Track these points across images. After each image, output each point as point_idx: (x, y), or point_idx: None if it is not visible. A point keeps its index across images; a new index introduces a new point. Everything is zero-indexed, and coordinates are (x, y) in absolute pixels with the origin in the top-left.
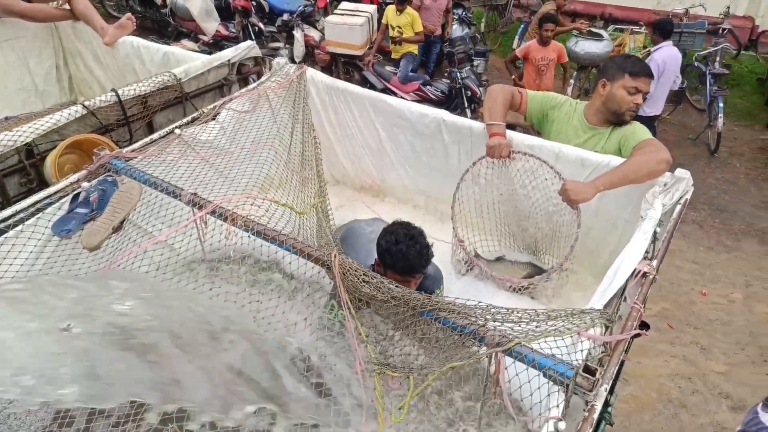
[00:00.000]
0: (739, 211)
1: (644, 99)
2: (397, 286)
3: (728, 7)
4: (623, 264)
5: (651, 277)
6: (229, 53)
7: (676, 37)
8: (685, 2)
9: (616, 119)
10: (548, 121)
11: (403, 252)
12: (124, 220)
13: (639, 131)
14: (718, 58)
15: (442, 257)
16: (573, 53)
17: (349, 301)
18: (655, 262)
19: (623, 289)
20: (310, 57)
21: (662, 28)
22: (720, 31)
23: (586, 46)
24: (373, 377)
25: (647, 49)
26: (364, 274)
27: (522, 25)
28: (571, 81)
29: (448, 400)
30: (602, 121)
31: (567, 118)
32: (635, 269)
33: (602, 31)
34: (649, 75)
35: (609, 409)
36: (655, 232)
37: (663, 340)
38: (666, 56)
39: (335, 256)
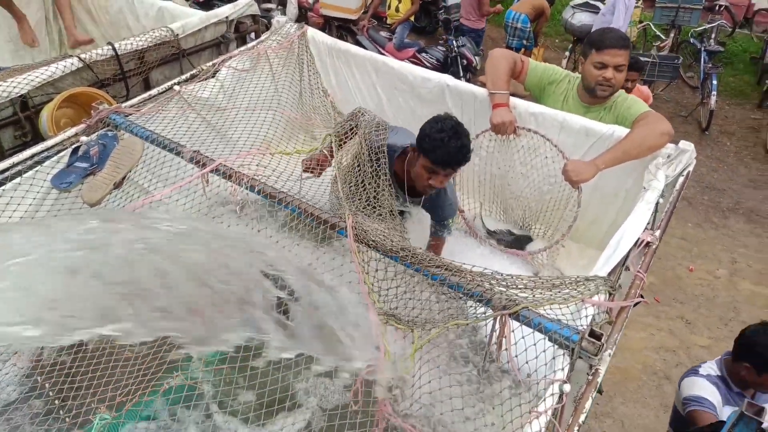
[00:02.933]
0: (727, 189)
1: (620, 71)
2: (405, 239)
3: None
4: (626, 233)
5: (654, 246)
6: (227, 10)
7: (672, 12)
8: None
9: (592, 96)
10: (545, 96)
11: (444, 141)
12: (125, 177)
13: (634, 105)
14: (713, 35)
15: None
16: (569, 25)
17: (358, 253)
18: (658, 232)
19: (626, 257)
20: (302, 19)
21: None
22: (716, 8)
23: (582, 18)
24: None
25: (643, 24)
26: (375, 232)
27: None
28: (566, 53)
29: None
30: (590, 99)
31: (563, 97)
32: (638, 238)
33: (599, 3)
34: (616, 46)
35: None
36: (657, 203)
37: (649, 314)
38: None
39: (348, 217)
